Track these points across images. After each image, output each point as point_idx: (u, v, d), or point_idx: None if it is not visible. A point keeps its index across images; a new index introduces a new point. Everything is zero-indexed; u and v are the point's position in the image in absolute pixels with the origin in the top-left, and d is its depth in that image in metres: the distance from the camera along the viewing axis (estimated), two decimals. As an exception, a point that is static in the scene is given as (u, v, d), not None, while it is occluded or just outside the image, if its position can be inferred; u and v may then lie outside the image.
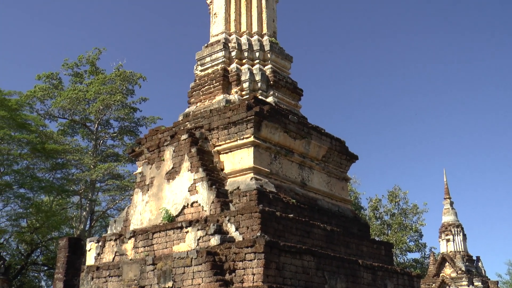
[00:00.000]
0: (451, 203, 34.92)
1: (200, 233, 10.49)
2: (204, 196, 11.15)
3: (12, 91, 33.54)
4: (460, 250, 33.26)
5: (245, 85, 13.50)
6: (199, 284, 9.54)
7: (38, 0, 67.33)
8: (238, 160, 11.79)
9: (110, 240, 12.26)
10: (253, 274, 9.30)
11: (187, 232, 10.72)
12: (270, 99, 13.42)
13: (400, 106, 74.03)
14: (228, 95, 13.49)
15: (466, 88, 74.89)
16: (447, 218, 34.31)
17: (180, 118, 13.67)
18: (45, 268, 36.09)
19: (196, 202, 11.26)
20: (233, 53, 14.03)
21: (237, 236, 10.15)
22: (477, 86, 75.04)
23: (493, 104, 75.46)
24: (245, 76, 13.57)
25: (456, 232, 33.59)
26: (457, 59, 74.51)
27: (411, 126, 73.63)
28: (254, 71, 13.78)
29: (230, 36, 14.45)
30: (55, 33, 68.13)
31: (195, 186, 11.36)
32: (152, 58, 68.76)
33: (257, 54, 14.15)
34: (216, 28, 14.75)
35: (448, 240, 33.55)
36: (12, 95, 33.24)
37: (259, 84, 13.60)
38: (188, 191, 11.47)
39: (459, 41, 74.97)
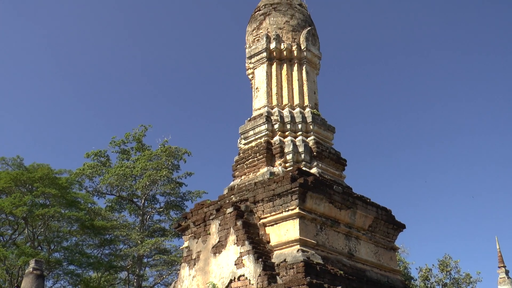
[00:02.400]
0: (507, 272, 33.67)
1: (247, 307, 10.38)
2: (250, 269, 11.10)
3: (63, 169, 34.60)
4: (519, 321, 31.79)
5: (289, 157, 13.62)
6: None
7: (84, 82, 69.90)
8: (284, 232, 11.77)
9: (158, 316, 12.22)
10: None
11: (234, 306, 10.63)
12: (314, 170, 13.47)
13: (447, 174, 72.68)
14: (272, 167, 13.60)
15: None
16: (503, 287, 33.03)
17: (225, 191, 13.80)
18: None
19: (243, 275, 11.21)
20: (276, 126, 14.24)
21: (285, 310, 10.02)
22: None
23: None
24: (288, 148, 13.71)
25: (513, 302, 32.23)
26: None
27: (459, 193, 72.03)
28: (297, 143, 13.92)
29: (272, 109, 14.69)
30: (102, 112, 70.33)
31: (242, 260, 11.33)
32: (196, 133, 70.03)
33: (299, 126, 14.32)
34: (258, 102, 15.04)
35: (505, 311, 32.18)
36: (63, 173, 34.24)
37: (302, 156, 13.70)
38: (235, 264, 11.44)
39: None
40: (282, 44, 15.25)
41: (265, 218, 12.19)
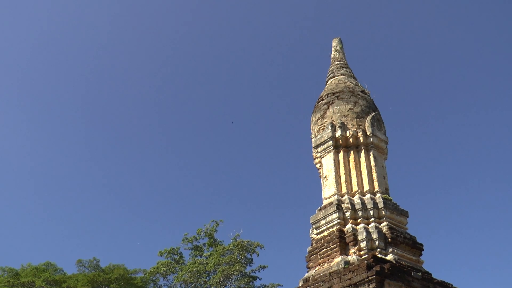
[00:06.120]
0: None
1: None
2: None
3: (137, 269, 35.04)
4: None
5: (363, 244, 13.35)
6: None
7: (155, 181, 71.72)
8: (363, 324, 11.35)
9: None
10: None
11: None
12: (389, 257, 13.12)
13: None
14: (346, 256, 13.34)
15: None
16: None
17: (300, 283, 13.55)
18: None
19: None
20: (347, 214, 14.07)
21: None
22: None
23: None
24: (361, 236, 13.46)
25: None
26: None
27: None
28: (370, 230, 13.66)
29: (342, 197, 14.58)
30: (174, 209, 71.48)
31: None
32: (267, 225, 69.84)
33: (371, 212, 14.11)
34: (328, 190, 14.98)
35: None
36: (137, 273, 34.70)
37: (376, 243, 13.40)
38: None
39: None
40: (347, 131, 15.32)
41: (343, 309, 11.81)
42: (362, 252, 13.27)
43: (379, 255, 12.71)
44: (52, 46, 71.10)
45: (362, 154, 15.20)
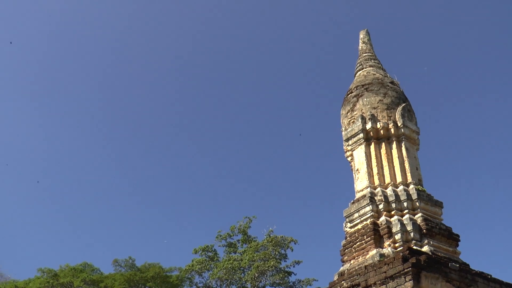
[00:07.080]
0: None
1: None
2: None
3: (173, 267, 35.33)
4: None
5: (397, 236, 13.22)
6: None
7: (186, 181, 72.13)
8: (401, 316, 11.24)
9: None
10: None
11: None
12: (425, 248, 12.96)
13: None
14: (381, 249, 13.22)
15: None
16: None
17: (335, 277, 13.49)
18: None
19: None
20: (381, 206, 13.95)
21: None
22: None
23: None
24: (396, 228, 13.33)
25: None
26: None
27: None
28: (405, 222, 13.52)
29: (375, 189, 14.46)
30: (206, 207, 71.88)
31: None
32: (300, 220, 69.71)
33: (405, 204, 13.96)
34: (360, 183, 14.87)
35: None
36: (173, 271, 34.98)
37: (411, 234, 13.26)
38: None
39: None
40: (378, 123, 15.18)
41: (380, 302, 11.72)
42: (397, 245, 13.14)
43: (414, 247, 12.57)
44: (67, 42, 72.02)
45: (394, 145, 15.05)
